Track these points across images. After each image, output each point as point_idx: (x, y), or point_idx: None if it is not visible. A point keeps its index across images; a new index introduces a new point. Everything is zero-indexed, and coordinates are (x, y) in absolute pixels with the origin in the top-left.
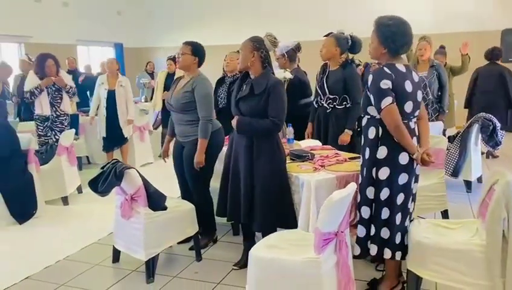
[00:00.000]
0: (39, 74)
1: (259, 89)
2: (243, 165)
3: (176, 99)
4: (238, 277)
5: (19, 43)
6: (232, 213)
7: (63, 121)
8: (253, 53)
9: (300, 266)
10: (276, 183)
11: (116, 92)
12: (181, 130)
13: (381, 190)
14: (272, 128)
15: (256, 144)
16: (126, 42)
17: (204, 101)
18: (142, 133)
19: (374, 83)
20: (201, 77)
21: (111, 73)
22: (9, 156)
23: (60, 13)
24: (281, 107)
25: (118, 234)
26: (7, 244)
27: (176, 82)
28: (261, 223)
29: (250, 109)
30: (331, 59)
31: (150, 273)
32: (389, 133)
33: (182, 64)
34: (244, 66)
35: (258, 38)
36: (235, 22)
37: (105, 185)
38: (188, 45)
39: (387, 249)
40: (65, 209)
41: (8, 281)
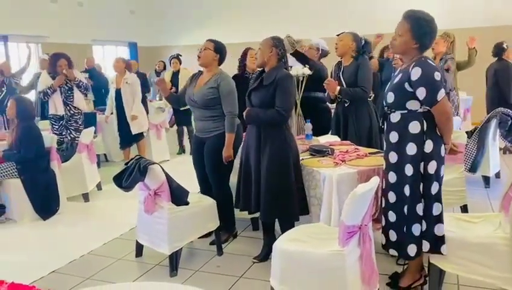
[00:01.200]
0: (52, 74)
1: (268, 81)
2: (253, 155)
3: (200, 95)
4: (260, 270)
5: (36, 43)
6: (244, 203)
7: (77, 120)
8: (271, 49)
9: (325, 258)
10: (282, 175)
11: (122, 90)
12: (202, 126)
13: (431, 185)
14: (277, 118)
15: (264, 134)
16: (140, 41)
17: (230, 97)
18: (159, 130)
19: (426, 75)
20: (224, 74)
21: (118, 72)
22: (37, 156)
23: (75, 13)
24: (287, 99)
25: (141, 228)
26: (33, 239)
27: (195, 78)
28: (265, 212)
29: (259, 100)
30: (346, 54)
31: (174, 267)
32: (433, 126)
33: (202, 60)
34: (262, 61)
35: (278, 37)
36: (246, 20)
37: (129, 180)
38: (211, 41)
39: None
40: (86, 206)
41: (35, 274)
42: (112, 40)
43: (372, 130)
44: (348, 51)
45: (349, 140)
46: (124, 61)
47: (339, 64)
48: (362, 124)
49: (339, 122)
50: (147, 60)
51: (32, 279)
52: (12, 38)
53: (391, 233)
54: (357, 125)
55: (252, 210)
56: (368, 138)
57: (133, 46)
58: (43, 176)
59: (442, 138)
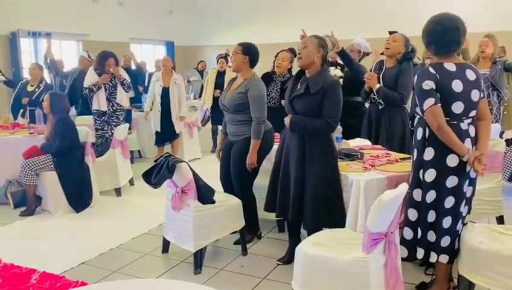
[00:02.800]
0: (98, 71)
1: (315, 88)
2: (294, 164)
3: (230, 100)
4: (283, 273)
5: (78, 41)
6: (281, 210)
7: (118, 116)
8: (318, 49)
9: (348, 264)
10: (328, 184)
11: (170, 89)
12: (233, 130)
13: (427, 192)
14: (325, 129)
15: (308, 143)
16: (177, 40)
17: (257, 102)
18: (191, 129)
19: (417, 83)
20: (254, 78)
21: (166, 70)
22: (69, 149)
23: (115, 12)
24: (336, 108)
25: (169, 225)
26: (65, 231)
27: (230, 83)
28: (311, 223)
29: (304, 108)
30: (393, 56)
31: (198, 264)
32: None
33: (234, 65)
34: (309, 61)
35: (322, 37)
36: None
37: (157, 177)
38: (239, 45)
39: (433, 252)
40: (118, 200)
41: (66, 265)
42: (150, 38)
43: (405, 135)
44: (398, 53)
45: (381, 144)
46: (172, 61)
47: (380, 63)
48: (395, 128)
49: (370, 125)
50: (183, 59)
51: (62, 269)
52: (56, 36)
53: (407, 231)
54: (390, 129)
55: (289, 218)
56: (400, 143)
57: (170, 45)
58: (77, 169)
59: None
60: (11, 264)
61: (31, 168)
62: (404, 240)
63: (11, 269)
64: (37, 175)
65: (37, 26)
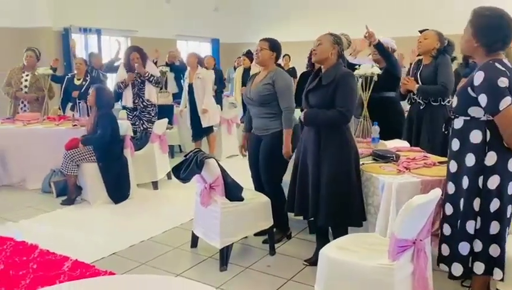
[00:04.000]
0: (127, 67)
1: (328, 80)
2: (310, 159)
3: (256, 92)
4: (310, 275)
5: (126, 37)
6: (300, 208)
7: (150, 112)
8: (333, 46)
9: (372, 271)
10: (342, 181)
11: (193, 84)
12: (260, 123)
13: (490, 201)
14: (338, 119)
15: (323, 137)
16: (222, 37)
17: (285, 92)
18: (230, 125)
19: (488, 80)
20: (279, 70)
21: (191, 67)
22: (109, 142)
23: (163, 9)
24: (348, 97)
25: (197, 220)
26: (100, 221)
27: (252, 78)
28: (324, 217)
29: (318, 101)
30: (427, 53)
31: (224, 261)
32: (498, 137)
33: (260, 60)
34: (324, 58)
35: (337, 34)
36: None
37: (186, 172)
38: (266, 41)
39: (497, 268)
40: (154, 193)
41: (97, 255)
42: (196, 36)
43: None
44: (431, 50)
45: (421, 146)
46: (196, 56)
47: (418, 62)
48: (437, 129)
49: (411, 126)
50: (229, 56)
51: (93, 259)
52: (105, 32)
53: (443, 247)
54: (431, 130)
55: (308, 215)
56: (441, 146)
57: (215, 42)
58: (116, 162)
59: None
60: (46, 251)
61: (72, 159)
62: (458, 256)
63: (46, 256)
64: (77, 166)
65: (88, 22)
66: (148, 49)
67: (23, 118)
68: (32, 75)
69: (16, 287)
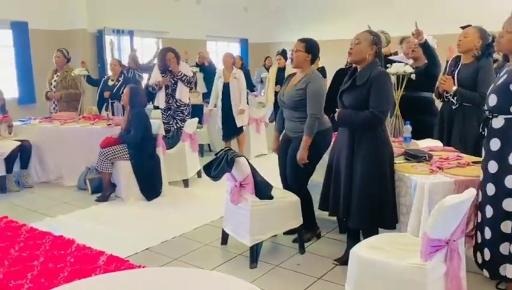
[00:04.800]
0: (161, 68)
1: (362, 80)
2: (344, 159)
3: (289, 96)
4: (339, 274)
5: (158, 38)
6: (334, 208)
7: (183, 111)
8: (372, 46)
9: (404, 271)
10: (376, 180)
11: (230, 84)
12: (291, 126)
13: None
14: (371, 120)
15: (357, 137)
16: (251, 37)
17: (314, 98)
18: (258, 125)
19: None
20: (315, 75)
21: (226, 67)
22: (142, 140)
23: (193, 11)
24: (382, 98)
25: (227, 218)
26: (134, 218)
27: (288, 79)
28: (356, 219)
29: (352, 101)
30: (468, 52)
31: (254, 259)
32: None
33: (295, 62)
34: (361, 58)
35: (376, 33)
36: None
37: (217, 170)
38: (302, 42)
39: None
40: (185, 191)
41: (131, 250)
42: (225, 36)
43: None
44: (472, 48)
45: (453, 146)
46: (232, 57)
47: (456, 60)
48: (469, 129)
49: (442, 126)
50: (257, 56)
51: (127, 254)
52: (137, 34)
53: (486, 252)
54: (464, 130)
55: (340, 215)
56: (474, 145)
57: (244, 42)
58: (149, 160)
59: None
60: (83, 245)
61: (106, 157)
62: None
63: (82, 250)
64: (112, 164)
65: (120, 24)
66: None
67: (60, 118)
68: (60, 75)
69: (54, 279)
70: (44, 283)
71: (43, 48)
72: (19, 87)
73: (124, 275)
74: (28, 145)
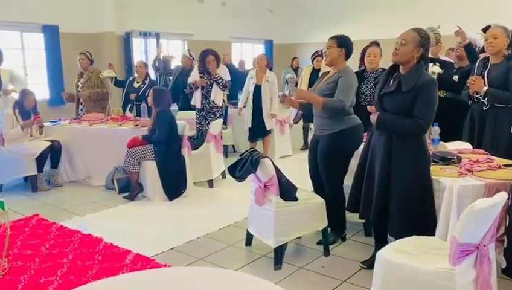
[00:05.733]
0: (201, 68)
1: (408, 86)
2: (379, 165)
3: (319, 90)
4: (365, 278)
5: (183, 41)
6: (364, 211)
7: (215, 112)
8: (418, 49)
9: (432, 276)
10: (417, 188)
11: (262, 86)
12: (319, 123)
13: None
14: (415, 130)
15: (396, 143)
16: (275, 39)
17: (345, 89)
18: (283, 126)
19: None
20: (347, 69)
21: (260, 68)
22: (168, 140)
23: (218, 12)
24: (429, 109)
25: (252, 219)
26: (160, 217)
27: (321, 77)
28: (396, 227)
29: (394, 106)
30: (499, 52)
31: (278, 260)
32: None
33: (329, 59)
34: (406, 60)
35: (426, 33)
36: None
37: (242, 171)
38: (333, 38)
39: None
40: (209, 192)
41: (156, 249)
42: (250, 37)
43: None
44: (502, 49)
45: (484, 148)
46: (266, 59)
47: (484, 60)
48: (502, 130)
49: (473, 127)
50: (281, 57)
51: (153, 253)
52: (163, 36)
53: None
54: (495, 131)
55: (371, 219)
56: (507, 148)
57: (268, 44)
58: (175, 160)
59: None
60: (110, 244)
61: (133, 157)
62: None
63: (110, 248)
64: (139, 163)
65: (147, 27)
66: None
67: (88, 119)
68: (85, 76)
69: (83, 276)
70: (74, 280)
71: (72, 51)
72: (49, 89)
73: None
74: (58, 145)
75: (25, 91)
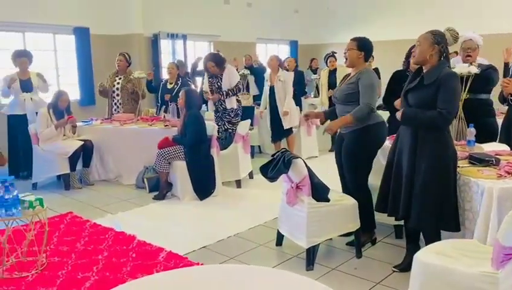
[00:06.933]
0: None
1: (430, 80)
2: (406, 159)
3: (340, 91)
4: (399, 280)
5: (209, 42)
6: (392, 208)
7: (229, 113)
8: (433, 47)
9: (475, 279)
10: (438, 181)
11: (275, 87)
12: None
13: None
14: (438, 120)
15: (420, 137)
16: (301, 39)
17: (368, 90)
18: (309, 127)
19: None
20: (366, 69)
21: (272, 69)
22: (197, 141)
23: (244, 13)
24: (451, 99)
25: (283, 219)
26: (190, 216)
27: (344, 78)
28: (417, 219)
29: (417, 100)
30: None
31: (310, 261)
32: None
33: (348, 61)
34: (422, 59)
35: (439, 31)
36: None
37: (274, 171)
38: (354, 40)
39: None
40: (238, 192)
41: (189, 247)
42: (275, 38)
43: None
44: None
45: None
46: (277, 59)
47: None
48: None
49: (509, 129)
50: (307, 57)
51: (186, 251)
52: (190, 37)
53: None
54: None
55: (399, 215)
56: None
57: (293, 44)
58: (204, 160)
59: None
60: (143, 241)
61: (164, 157)
62: None
63: (143, 246)
64: (169, 164)
65: (174, 28)
66: (230, 53)
67: (119, 119)
68: (123, 78)
69: (118, 273)
70: (109, 276)
71: (102, 52)
72: (80, 90)
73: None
74: (90, 144)
75: (60, 92)
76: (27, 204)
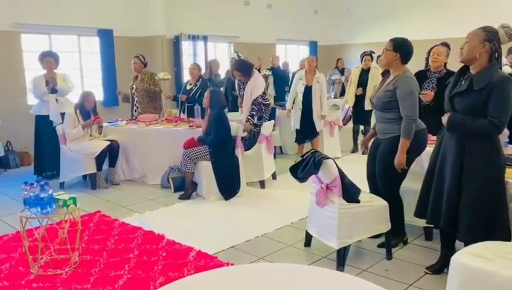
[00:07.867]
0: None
1: (480, 85)
2: (450, 168)
3: (378, 98)
4: (431, 283)
5: (229, 43)
6: (433, 216)
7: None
8: (483, 44)
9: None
10: (490, 192)
11: (312, 87)
12: (381, 128)
13: None
14: (489, 130)
15: (468, 145)
16: (320, 40)
17: (407, 99)
18: (332, 128)
19: None
20: (405, 75)
21: (309, 70)
22: (222, 141)
23: (264, 14)
24: (504, 107)
25: (312, 220)
26: (216, 215)
27: (382, 81)
28: (467, 233)
29: (466, 106)
30: None
31: (341, 262)
32: None
33: (384, 62)
34: (470, 58)
35: (492, 28)
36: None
37: (304, 172)
38: (391, 41)
39: None
40: (262, 192)
41: (217, 247)
42: (294, 39)
43: None
44: None
45: None
46: (316, 60)
47: None
48: None
49: None
50: (326, 58)
51: (215, 250)
52: (211, 39)
53: None
54: None
55: (440, 225)
56: None
57: (313, 45)
58: (228, 160)
59: None
60: (172, 241)
61: (189, 157)
62: None
63: (172, 245)
64: (194, 164)
65: (195, 30)
66: (250, 54)
67: (144, 119)
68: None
69: (150, 272)
70: (141, 274)
71: (125, 54)
72: (103, 91)
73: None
74: (116, 145)
75: (86, 92)
76: (61, 203)
